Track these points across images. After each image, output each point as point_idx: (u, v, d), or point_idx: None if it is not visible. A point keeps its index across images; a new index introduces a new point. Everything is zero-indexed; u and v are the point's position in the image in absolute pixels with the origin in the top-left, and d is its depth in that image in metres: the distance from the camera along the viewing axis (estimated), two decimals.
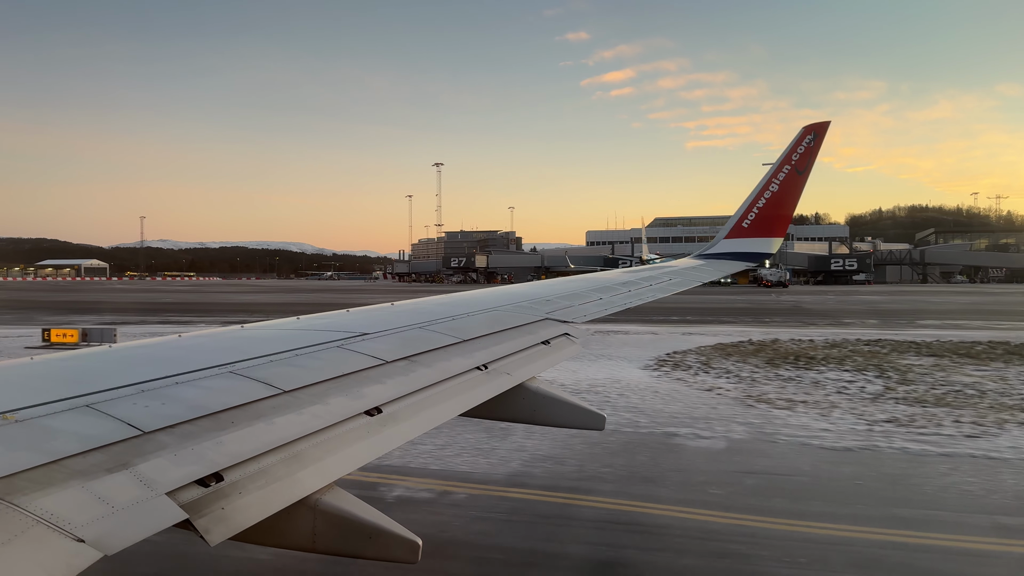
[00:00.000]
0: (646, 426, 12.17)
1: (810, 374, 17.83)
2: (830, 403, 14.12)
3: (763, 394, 15.06)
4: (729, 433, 11.68)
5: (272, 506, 2.17)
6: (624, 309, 6.82)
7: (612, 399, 14.57)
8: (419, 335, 4.13)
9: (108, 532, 1.71)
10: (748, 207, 10.03)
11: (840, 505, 8.14)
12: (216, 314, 40.95)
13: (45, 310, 46.09)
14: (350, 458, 2.55)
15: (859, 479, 9.27)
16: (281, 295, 75.04)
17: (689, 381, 16.85)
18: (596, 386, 16.06)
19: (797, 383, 16.52)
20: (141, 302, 58.82)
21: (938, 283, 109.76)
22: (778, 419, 12.72)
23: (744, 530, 7.34)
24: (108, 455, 2.00)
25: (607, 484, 8.99)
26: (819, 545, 6.99)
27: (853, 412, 13.24)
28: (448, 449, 10.44)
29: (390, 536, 2.56)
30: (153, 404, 2.40)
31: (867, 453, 10.47)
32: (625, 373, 18.08)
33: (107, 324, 30.24)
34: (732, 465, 9.91)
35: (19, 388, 2.44)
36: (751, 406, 13.92)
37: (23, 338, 26.45)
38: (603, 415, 4.61)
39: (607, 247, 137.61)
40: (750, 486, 8.90)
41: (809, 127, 9.57)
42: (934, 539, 7.14)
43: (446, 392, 3.40)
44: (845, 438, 11.30)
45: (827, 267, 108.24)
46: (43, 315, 39.95)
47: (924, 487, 8.89)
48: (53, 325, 26.45)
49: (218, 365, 2.94)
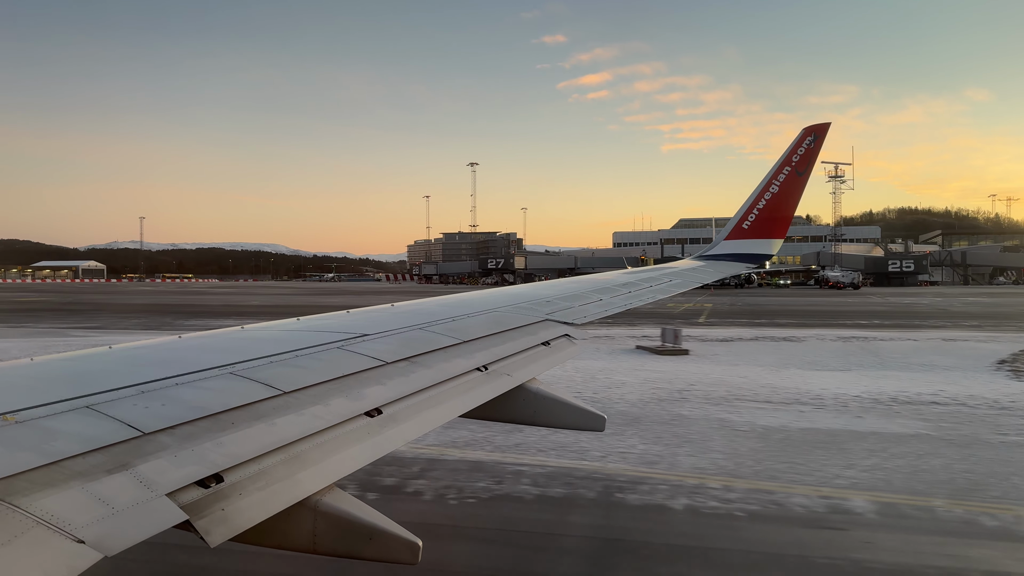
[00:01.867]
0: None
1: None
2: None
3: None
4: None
5: (272, 507, 2.17)
6: (625, 310, 6.82)
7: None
8: (419, 336, 4.13)
9: (108, 533, 1.71)
10: (748, 208, 10.03)
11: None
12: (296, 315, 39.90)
13: (154, 314, 44.85)
14: (350, 459, 2.55)
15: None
16: (317, 297, 73.99)
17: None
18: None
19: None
20: (221, 304, 58.05)
21: (981, 284, 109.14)
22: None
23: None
24: (108, 456, 2.00)
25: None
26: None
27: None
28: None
29: (390, 537, 2.56)
30: (153, 405, 2.40)
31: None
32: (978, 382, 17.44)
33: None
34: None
35: (19, 389, 2.44)
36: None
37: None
38: (603, 416, 4.59)
39: (638, 248, 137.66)
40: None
41: (809, 128, 9.57)
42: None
43: (446, 393, 3.40)
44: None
45: (884, 268, 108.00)
46: (177, 320, 39.45)
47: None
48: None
49: (218, 366, 2.94)
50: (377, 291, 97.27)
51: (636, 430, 12.34)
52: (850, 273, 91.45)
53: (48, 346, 25.50)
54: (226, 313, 45.82)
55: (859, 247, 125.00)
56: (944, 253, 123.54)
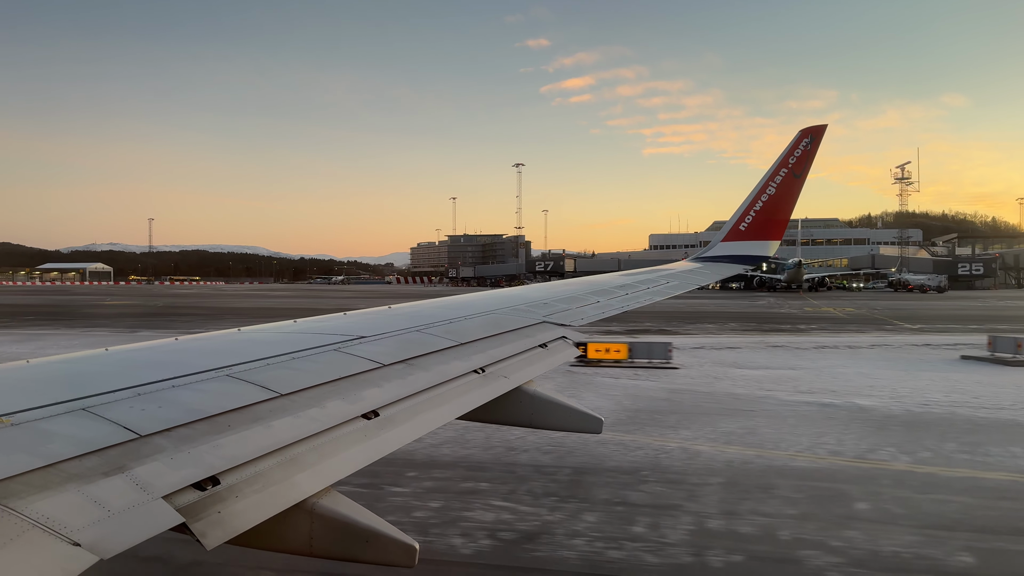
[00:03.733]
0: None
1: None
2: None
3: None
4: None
5: (269, 510, 2.17)
6: (621, 312, 6.82)
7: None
8: (416, 338, 4.13)
9: (104, 536, 1.71)
10: (745, 210, 10.04)
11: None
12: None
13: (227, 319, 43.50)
14: (347, 462, 2.55)
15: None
16: (347, 300, 71.89)
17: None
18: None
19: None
20: (263, 307, 56.51)
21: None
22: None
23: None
24: (104, 458, 1.99)
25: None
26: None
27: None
28: None
29: (387, 540, 2.55)
30: (150, 407, 2.39)
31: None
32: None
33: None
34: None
35: (15, 391, 2.44)
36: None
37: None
38: (600, 418, 4.57)
39: (678, 250, 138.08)
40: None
41: (806, 130, 9.59)
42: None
43: (443, 395, 3.40)
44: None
45: (954, 271, 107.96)
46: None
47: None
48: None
49: (215, 368, 2.93)
50: (404, 294, 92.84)
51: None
52: (936, 277, 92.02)
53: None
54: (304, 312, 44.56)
55: (894, 249, 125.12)
56: (996, 256, 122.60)
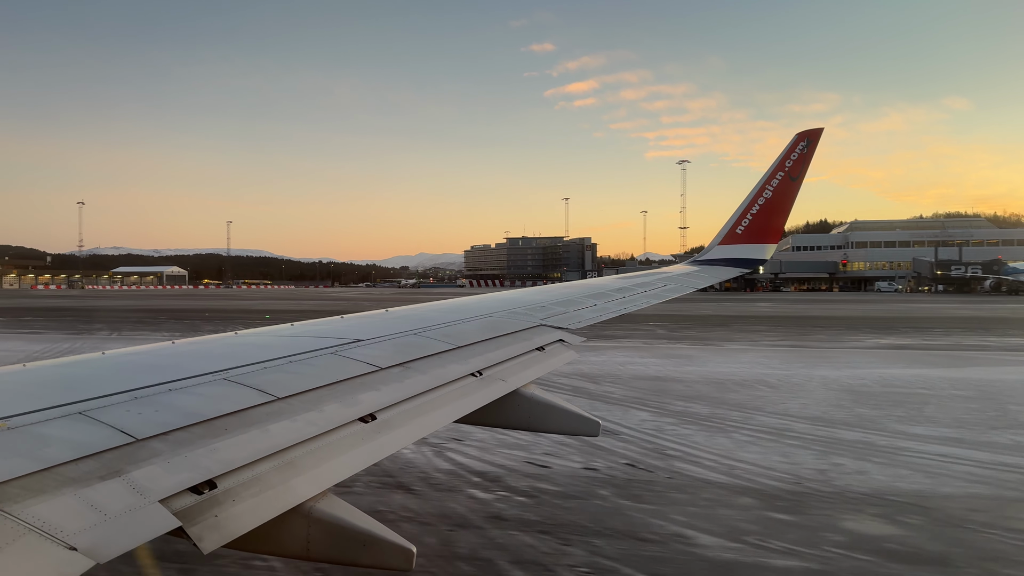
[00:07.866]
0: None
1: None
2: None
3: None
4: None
5: (266, 513, 2.16)
6: (619, 315, 6.83)
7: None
8: (413, 341, 4.13)
9: (101, 540, 1.70)
10: (742, 214, 10.07)
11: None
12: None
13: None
14: (344, 465, 2.55)
15: None
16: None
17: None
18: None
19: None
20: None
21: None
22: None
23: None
24: (101, 462, 1.99)
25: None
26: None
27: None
28: None
29: (384, 544, 2.55)
30: (146, 411, 2.39)
31: None
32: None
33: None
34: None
35: (11, 395, 2.43)
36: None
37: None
38: (598, 422, 4.58)
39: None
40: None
41: (802, 134, 9.62)
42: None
43: (441, 399, 3.40)
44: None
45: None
46: None
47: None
48: None
49: (212, 372, 2.93)
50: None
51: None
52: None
53: None
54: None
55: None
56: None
